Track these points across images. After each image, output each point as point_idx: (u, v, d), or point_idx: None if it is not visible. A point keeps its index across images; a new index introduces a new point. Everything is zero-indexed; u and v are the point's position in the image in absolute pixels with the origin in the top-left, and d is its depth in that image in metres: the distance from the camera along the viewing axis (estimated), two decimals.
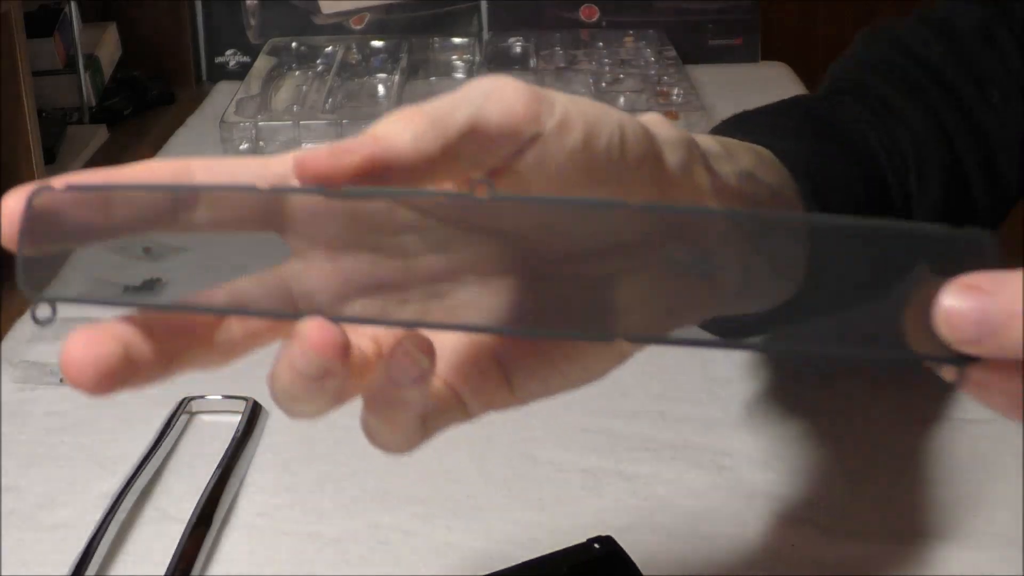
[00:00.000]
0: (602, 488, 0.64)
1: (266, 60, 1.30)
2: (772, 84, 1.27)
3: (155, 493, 0.64)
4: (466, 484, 0.64)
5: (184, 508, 0.61)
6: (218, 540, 0.60)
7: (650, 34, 1.36)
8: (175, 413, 0.70)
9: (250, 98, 1.18)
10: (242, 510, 0.63)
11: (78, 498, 0.64)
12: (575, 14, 1.42)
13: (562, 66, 1.29)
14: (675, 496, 0.63)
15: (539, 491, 0.64)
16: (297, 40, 1.35)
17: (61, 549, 0.59)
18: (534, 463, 0.66)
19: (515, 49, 1.35)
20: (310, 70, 1.29)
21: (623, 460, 0.66)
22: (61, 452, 0.69)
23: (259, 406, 0.71)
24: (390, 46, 1.34)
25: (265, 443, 0.69)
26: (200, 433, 0.70)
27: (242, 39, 1.40)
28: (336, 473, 0.66)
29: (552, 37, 1.36)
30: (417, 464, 0.66)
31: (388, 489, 0.64)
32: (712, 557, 0.58)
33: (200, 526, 0.60)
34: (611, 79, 1.23)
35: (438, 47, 1.36)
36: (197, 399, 0.72)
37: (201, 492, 0.62)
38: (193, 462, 0.67)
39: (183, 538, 0.59)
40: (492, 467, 0.66)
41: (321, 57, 1.31)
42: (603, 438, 0.68)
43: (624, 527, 0.60)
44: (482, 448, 0.68)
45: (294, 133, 1.12)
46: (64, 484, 0.66)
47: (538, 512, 0.62)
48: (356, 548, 0.60)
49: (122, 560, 0.59)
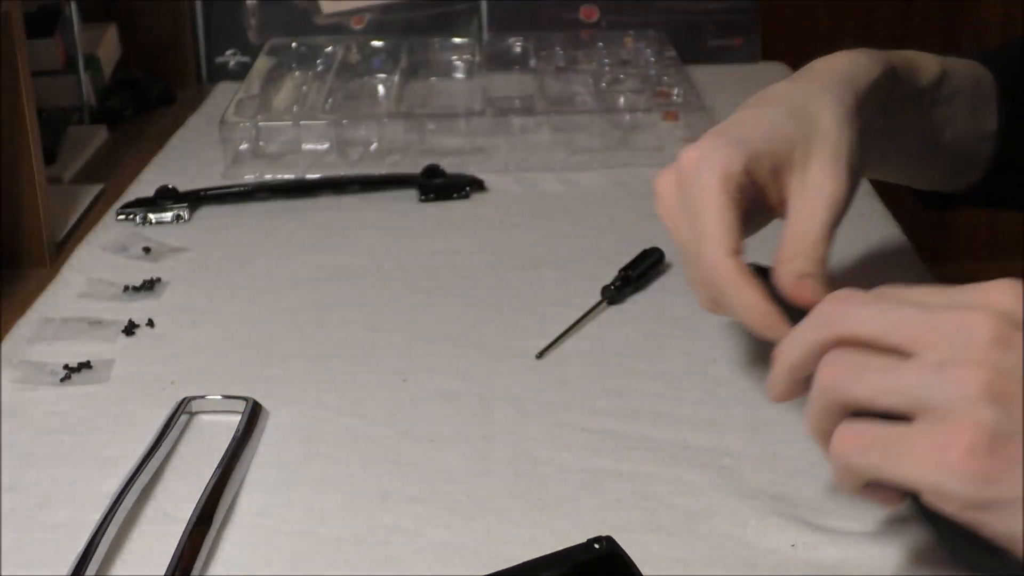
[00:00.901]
0: (602, 488, 0.64)
1: (266, 60, 1.30)
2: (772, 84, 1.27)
3: (155, 493, 0.64)
4: (466, 484, 0.64)
5: (184, 508, 0.61)
6: (218, 540, 0.60)
7: (650, 34, 1.36)
8: (175, 413, 0.70)
9: (250, 98, 1.18)
10: (242, 510, 0.63)
11: (78, 498, 0.64)
12: (575, 14, 1.42)
13: (562, 66, 1.29)
14: (675, 496, 0.63)
15: (539, 491, 0.64)
16: (297, 40, 1.35)
17: (61, 549, 0.59)
18: (534, 463, 0.66)
19: (515, 49, 1.35)
20: (310, 70, 1.29)
21: (623, 460, 0.66)
22: (61, 452, 0.69)
23: (259, 406, 0.71)
24: (390, 46, 1.34)
25: (265, 443, 0.69)
26: (200, 433, 0.70)
27: (242, 39, 1.40)
28: (336, 473, 0.66)
29: (552, 37, 1.36)
30: (417, 464, 0.66)
31: (388, 489, 0.64)
32: (712, 557, 0.58)
33: (200, 526, 0.60)
34: (611, 79, 1.23)
35: (438, 47, 1.36)
36: (197, 399, 0.72)
37: (201, 492, 0.62)
38: (193, 462, 0.67)
39: (183, 538, 0.59)
40: (492, 467, 0.66)
41: (321, 57, 1.31)
42: (603, 438, 0.68)
43: (624, 527, 0.60)
44: (482, 448, 0.68)
45: (294, 133, 1.12)
46: (64, 484, 0.66)
47: (538, 512, 0.62)
48: (356, 548, 0.60)
49: (122, 560, 0.59)
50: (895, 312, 0.51)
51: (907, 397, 0.49)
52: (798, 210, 0.65)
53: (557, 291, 0.86)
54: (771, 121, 0.66)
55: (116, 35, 1.34)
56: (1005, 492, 0.46)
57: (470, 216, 1.01)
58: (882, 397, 0.49)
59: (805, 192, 0.65)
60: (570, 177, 1.08)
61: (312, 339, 0.81)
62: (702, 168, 0.64)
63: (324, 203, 1.03)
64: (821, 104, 0.67)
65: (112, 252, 0.95)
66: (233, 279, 0.90)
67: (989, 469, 0.46)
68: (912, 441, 0.48)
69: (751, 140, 0.65)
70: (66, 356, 0.78)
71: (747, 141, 0.65)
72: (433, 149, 1.11)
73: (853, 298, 0.53)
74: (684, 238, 0.65)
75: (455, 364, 0.77)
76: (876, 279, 0.86)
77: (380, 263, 0.92)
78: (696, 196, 0.64)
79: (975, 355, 0.48)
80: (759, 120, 0.67)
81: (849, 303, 0.52)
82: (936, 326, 0.49)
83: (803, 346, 0.53)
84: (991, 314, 0.48)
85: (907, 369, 0.49)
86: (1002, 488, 0.46)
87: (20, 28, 0.91)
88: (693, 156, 0.65)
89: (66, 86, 1.22)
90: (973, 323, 0.48)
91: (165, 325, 0.83)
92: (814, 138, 0.66)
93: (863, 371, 0.50)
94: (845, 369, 0.51)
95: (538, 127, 1.12)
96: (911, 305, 0.51)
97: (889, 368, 0.50)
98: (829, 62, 0.70)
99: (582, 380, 0.74)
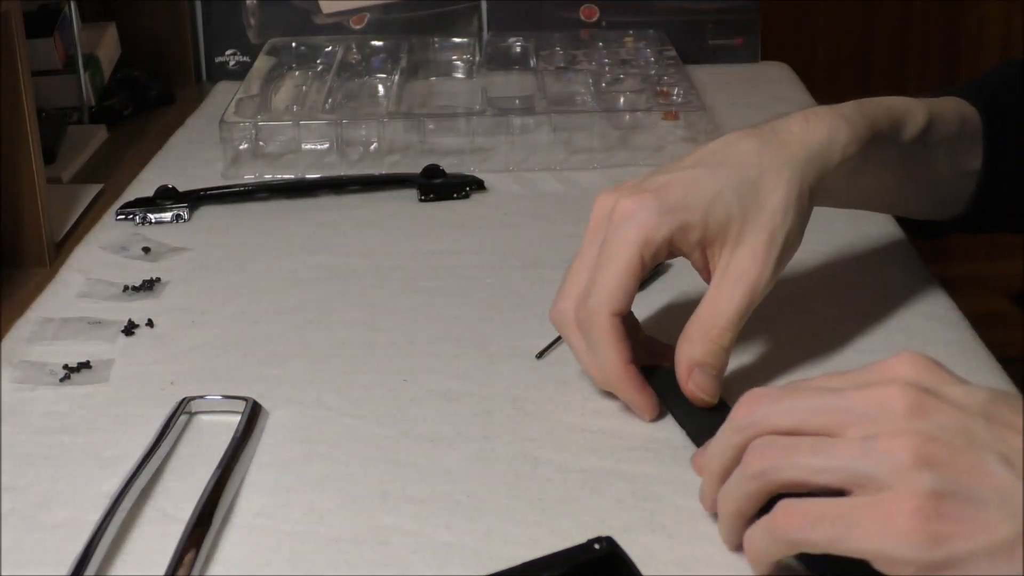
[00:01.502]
0: (602, 488, 0.64)
1: (266, 60, 1.29)
2: (772, 84, 1.28)
3: (155, 493, 0.64)
4: (466, 484, 0.64)
5: (184, 508, 0.61)
6: (218, 540, 0.60)
7: (650, 34, 1.36)
8: (175, 413, 0.70)
9: (250, 98, 1.18)
10: (242, 510, 0.63)
11: (78, 498, 0.64)
12: (575, 14, 1.42)
13: (562, 66, 1.29)
14: (675, 496, 0.63)
15: (539, 491, 0.64)
16: (297, 40, 1.35)
17: (61, 549, 0.59)
18: (534, 463, 0.66)
19: (515, 49, 1.35)
20: (310, 70, 1.29)
21: (623, 460, 0.66)
22: (61, 452, 0.69)
23: (259, 406, 0.71)
24: (390, 46, 1.34)
25: (265, 443, 0.69)
26: (200, 433, 0.70)
27: (242, 39, 1.40)
28: (336, 473, 0.66)
29: (552, 37, 1.36)
30: (417, 464, 0.66)
31: (388, 489, 0.64)
32: (712, 557, 0.58)
33: (200, 526, 0.60)
34: (611, 79, 1.23)
35: (438, 47, 1.36)
36: (197, 399, 0.72)
37: (201, 492, 0.62)
38: (193, 462, 0.67)
39: (183, 538, 0.59)
40: (492, 467, 0.66)
41: (321, 57, 1.31)
42: (603, 438, 0.68)
43: (624, 527, 0.60)
44: (482, 448, 0.68)
45: (294, 133, 1.12)
46: (64, 484, 0.66)
47: (538, 512, 0.62)
48: (356, 548, 0.60)
49: (122, 560, 0.59)
50: (811, 401, 0.54)
51: (842, 473, 0.51)
52: (716, 292, 0.68)
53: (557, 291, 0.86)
54: (716, 193, 0.68)
55: (116, 35, 1.33)
56: (957, 549, 0.48)
57: (470, 216, 1.01)
58: (816, 476, 0.52)
59: (727, 275, 0.68)
60: (570, 177, 1.08)
61: (312, 339, 0.81)
62: (630, 223, 0.67)
63: (324, 203, 1.03)
64: (776, 182, 0.68)
65: (112, 252, 0.94)
66: (233, 279, 0.90)
67: (939, 529, 0.48)
68: (859, 514, 0.50)
69: (687, 211, 0.67)
70: (66, 356, 0.78)
71: (682, 211, 0.67)
72: (433, 149, 1.11)
73: (765, 397, 0.56)
74: (586, 263, 0.69)
75: (455, 364, 0.77)
76: (876, 279, 0.86)
77: (380, 263, 0.92)
78: (612, 243, 0.68)
79: (897, 426, 0.51)
80: (705, 188, 0.68)
81: (762, 402, 0.55)
82: (853, 406, 0.52)
83: (728, 451, 0.56)
84: (901, 386, 0.52)
85: (837, 447, 0.52)
86: (954, 545, 0.48)
87: (20, 28, 0.91)
88: (628, 207, 0.68)
89: (66, 86, 1.22)
90: (887, 397, 0.52)
91: (165, 325, 0.82)
92: (754, 218, 0.68)
93: (794, 454, 0.53)
94: (776, 454, 0.53)
95: (538, 127, 1.12)
96: (823, 392, 0.54)
97: (818, 449, 0.52)
98: (807, 131, 0.70)
99: (582, 380, 0.74)
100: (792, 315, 0.81)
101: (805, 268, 0.87)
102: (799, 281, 0.85)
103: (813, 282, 0.85)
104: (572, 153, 1.10)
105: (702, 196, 0.68)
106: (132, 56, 1.36)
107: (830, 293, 0.84)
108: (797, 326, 0.79)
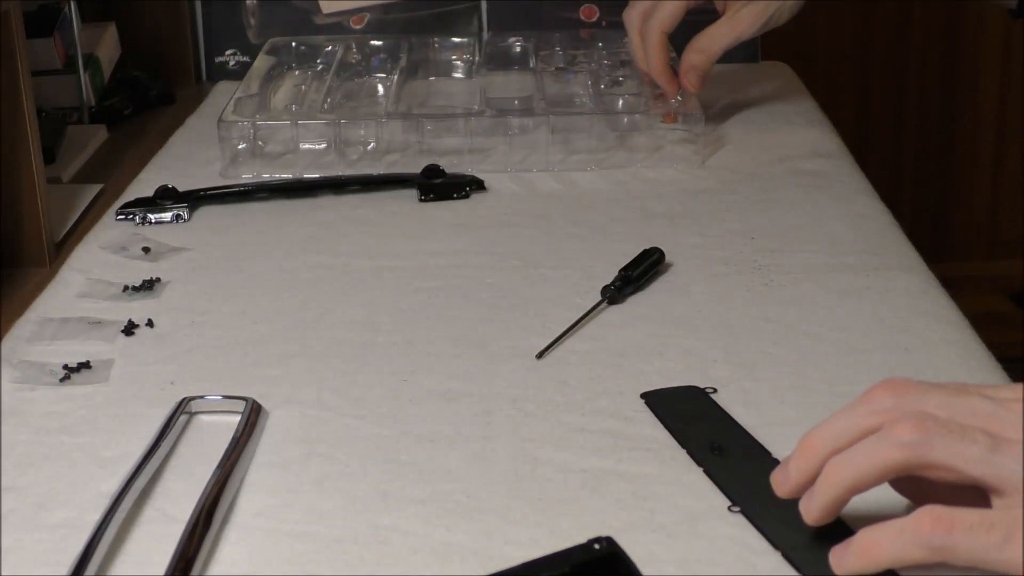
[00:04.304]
0: (602, 488, 0.64)
1: (265, 59, 1.29)
2: (772, 84, 1.27)
3: (155, 493, 0.64)
4: (466, 484, 0.64)
5: (184, 508, 0.61)
6: (218, 540, 0.60)
7: None
8: (175, 413, 0.70)
9: (248, 97, 1.17)
10: (242, 510, 0.63)
11: (78, 498, 0.64)
12: (575, 14, 1.42)
13: (562, 66, 1.29)
14: (675, 496, 0.63)
15: (539, 491, 0.64)
16: (297, 40, 1.34)
17: (61, 549, 0.60)
18: (534, 463, 0.66)
19: (515, 49, 1.35)
20: (309, 70, 1.29)
21: (623, 460, 0.66)
22: (61, 452, 0.69)
23: (259, 406, 0.71)
24: (390, 46, 1.33)
25: (265, 443, 0.69)
26: (200, 433, 0.70)
27: (242, 39, 1.40)
28: (336, 473, 0.66)
29: (552, 37, 1.35)
30: (417, 464, 0.66)
31: (388, 489, 0.64)
32: (712, 557, 0.58)
33: (200, 526, 0.60)
34: (611, 79, 1.23)
35: (438, 47, 1.35)
36: (197, 399, 0.72)
37: (201, 492, 0.62)
38: (193, 462, 0.67)
39: (183, 538, 0.59)
40: (492, 467, 0.66)
41: (320, 57, 1.31)
42: (603, 438, 0.68)
43: (624, 527, 0.60)
44: (482, 448, 0.68)
45: (292, 132, 1.12)
46: (64, 484, 0.66)
47: (538, 512, 0.62)
48: (356, 548, 0.60)
49: (122, 560, 0.59)
50: (969, 400, 0.52)
51: (1006, 474, 0.49)
52: (718, 27, 1.11)
53: (557, 291, 0.86)
54: None
55: (116, 35, 1.33)
56: None
57: (470, 216, 1.01)
58: (971, 467, 0.50)
59: (730, 21, 1.11)
60: (569, 177, 1.08)
61: (312, 339, 0.81)
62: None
63: (324, 203, 1.03)
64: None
65: (112, 252, 0.94)
66: (233, 279, 0.90)
67: None
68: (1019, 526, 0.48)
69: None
70: (66, 356, 0.78)
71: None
72: (432, 149, 1.11)
73: (914, 387, 0.54)
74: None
75: (455, 364, 0.77)
76: (876, 279, 0.86)
77: (380, 263, 0.92)
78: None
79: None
80: None
81: (911, 391, 0.53)
82: (1012, 418, 0.51)
83: (853, 432, 0.54)
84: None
85: (1010, 448, 0.50)
86: None
87: (20, 28, 0.91)
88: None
89: (66, 86, 1.22)
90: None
91: (165, 325, 0.82)
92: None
93: (959, 438, 0.50)
94: (938, 430, 0.51)
95: (536, 128, 1.12)
96: (978, 396, 0.52)
97: (990, 443, 0.50)
98: None
99: (582, 380, 0.74)
100: (792, 315, 0.81)
101: (805, 268, 0.87)
102: (799, 281, 0.85)
103: (813, 282, 0.85)
104: (570, 154, 1.10)
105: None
106: (132, 56, 1.36)
107: (830, 293, 0.84)
108: (797, 326, 0.79)
